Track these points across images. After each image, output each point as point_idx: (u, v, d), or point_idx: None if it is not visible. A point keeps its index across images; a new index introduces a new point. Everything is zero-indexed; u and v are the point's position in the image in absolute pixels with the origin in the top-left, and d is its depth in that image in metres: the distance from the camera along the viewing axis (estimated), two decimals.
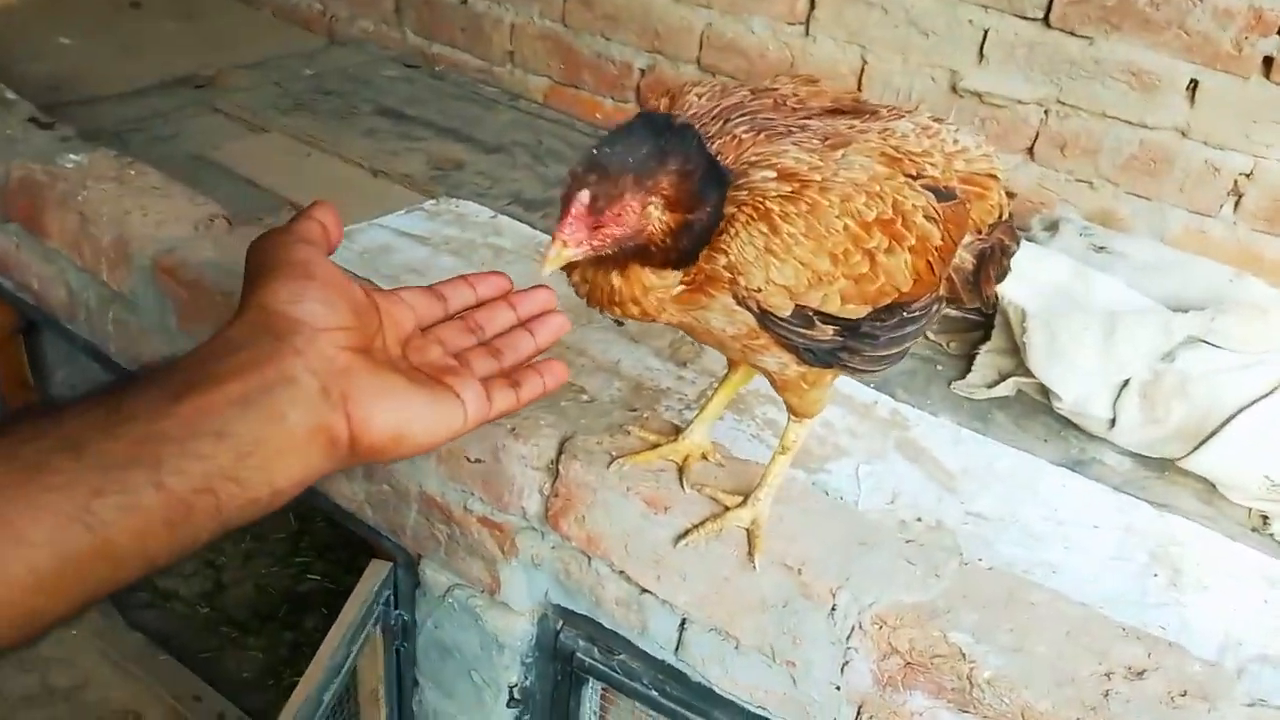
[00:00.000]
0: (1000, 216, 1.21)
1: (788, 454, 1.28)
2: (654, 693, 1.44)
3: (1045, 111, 2.17)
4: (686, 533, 1.28)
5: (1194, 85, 2.01)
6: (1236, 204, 2.06)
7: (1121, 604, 1.44)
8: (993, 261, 1.22)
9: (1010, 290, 1.77)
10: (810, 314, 1.04)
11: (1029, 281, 1.80)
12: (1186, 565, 1.53)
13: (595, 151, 0.91)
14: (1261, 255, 2.06)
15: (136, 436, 0.64)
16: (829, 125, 1.10)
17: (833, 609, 1.22)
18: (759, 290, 1.01)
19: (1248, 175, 2.03)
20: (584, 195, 0.89)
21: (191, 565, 2.92)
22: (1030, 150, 2.22)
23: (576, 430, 1.41)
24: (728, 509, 1.29)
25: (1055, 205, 2.14)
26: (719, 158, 1.01)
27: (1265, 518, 1.64)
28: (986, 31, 2.15)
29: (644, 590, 1.36)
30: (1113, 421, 1.72)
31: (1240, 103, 1.98)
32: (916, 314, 1.14)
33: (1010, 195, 1.24)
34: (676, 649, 1.38)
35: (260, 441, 0.68)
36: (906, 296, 1.10)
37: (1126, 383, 1.71)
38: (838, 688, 1.24)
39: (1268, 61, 1.93)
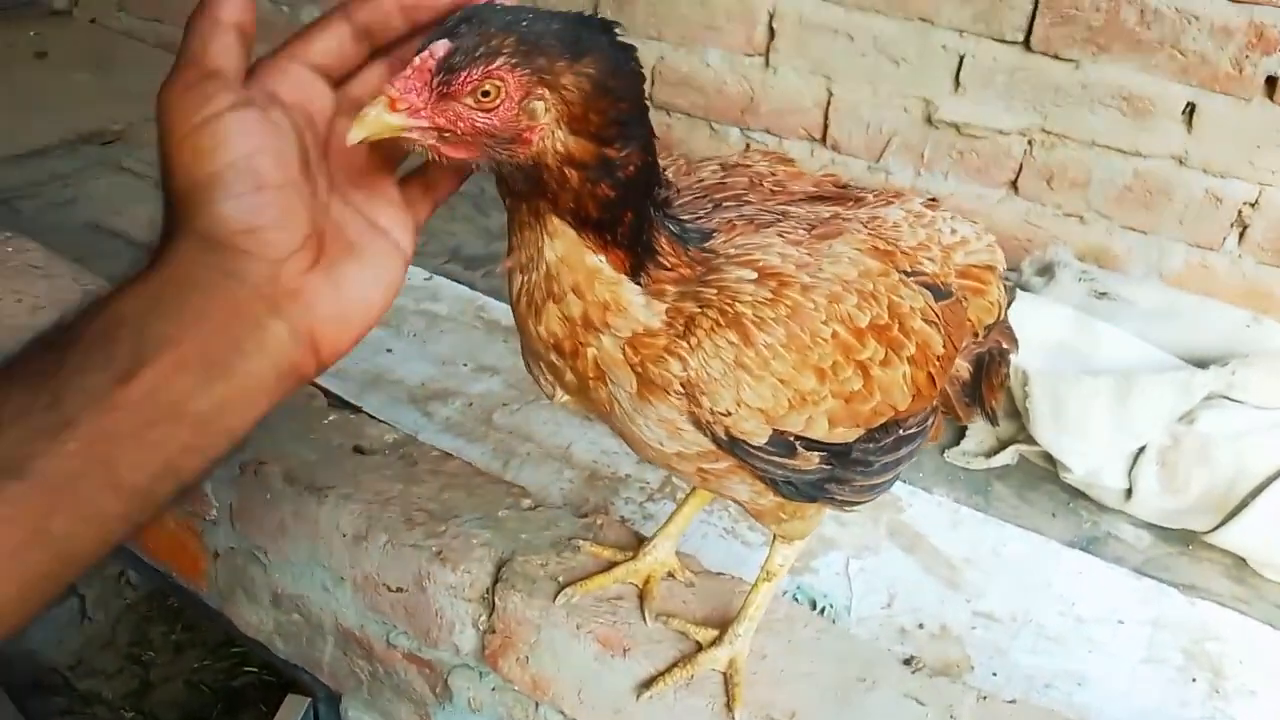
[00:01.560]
0: (999, 315, 1.02)
1: (774, 581, 1.06)
2: None
3: (1029, 142, 1.98)
4: (652, 681, 1.06)
5: (1191, 109, 1.83)
6: (1241, 236, 1.88)
7: None
8: (993, 368, 1.05)
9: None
10: (792, 440, 0.83)
11: (1027, 338, 1.59)
12: (1227, 665, 1.33)
13: (494, 4, 0.65)
14: (1271, 292, 1.88)
15: (84, 439, 0.55)
16: (812, 212, 0.90)
17: None
18: (727, 414, 0.79)
19: (1253, 204, 1.85)
20: (439, 45, 0.63)
21: (116, 662, 2.66)
22: (1014, 184, 2.03)
23: (516, 549, 1.18)
24: (700, 648, 1.07)
25: (1046, 244, 1.95)
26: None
27: None
28: (962, 58, 1.97)
29: None
30: (1129, 492, 1.53)
31: (1242, 127, 1.81)
32: (913, 431, 0.93)
33: (1009, 289, 1.06)
34: None
35: (224, 406, 0.60)
36: (903, 413, 0.89)
37: (1142, 449, 1.51)
38: None
39: (1270, 82, 1.76)
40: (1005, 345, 1.08)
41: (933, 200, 1.00)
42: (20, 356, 0.58)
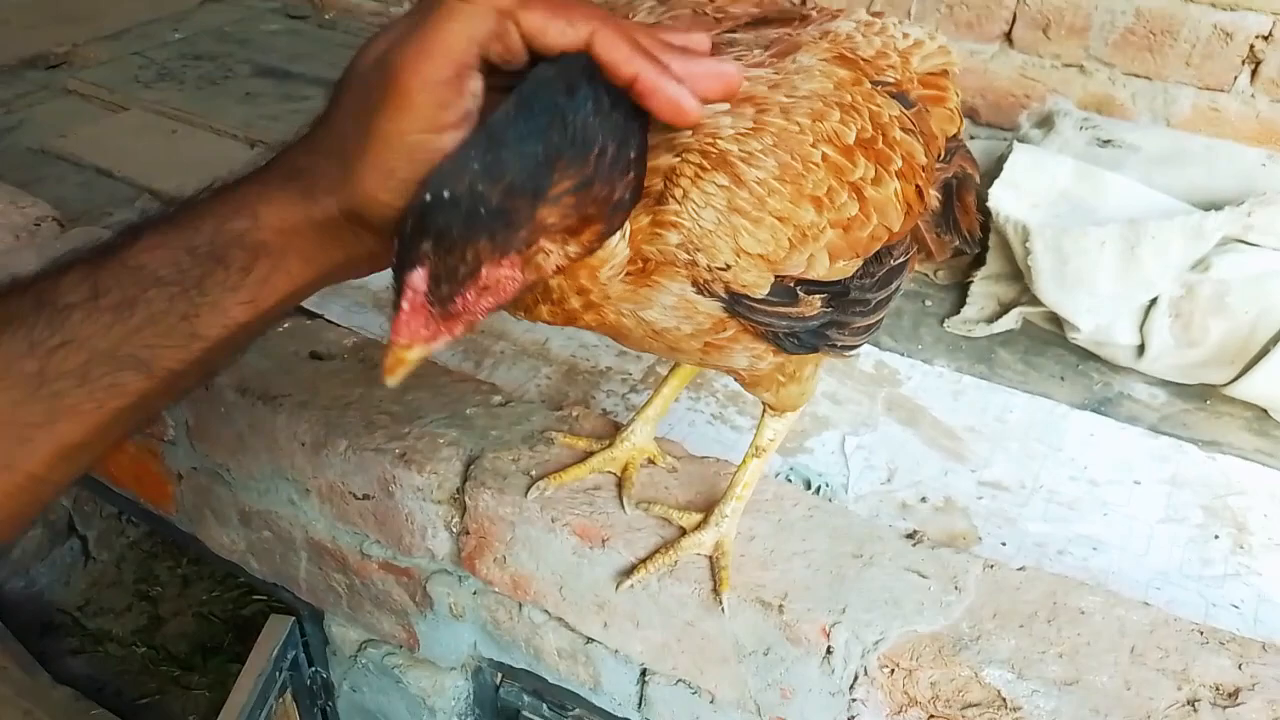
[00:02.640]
0: (959, 127, 0.93)
1: (763, 457, 0.99)
2: None
3: None
4: (633, 570, 0.99)
5: None
6: (1254, 73, 1.75)
7: (1183, 582, 1.17)
8: (962, 191, 0.95)
9: (1005, 204, 1.47)
10: (793, 285, 0.74)
11: (1027, 191, 1.49)
12: (1251, 520, 1.25)
13: (437, 190, 0.57)
14: None
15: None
16: (761, 35, 0.80)
17: (828, 652, 0.94)
18: (726, 268, 0.71)
19: (1265, 38, 1.72)
20: (417, 278, 0.57)
21: (124, 600, 2.64)
22: (1008, 35, 1.90)
23: (485, 446, 1.11)
24: (684, 532, 1.00)
25: (1045, 97, 1.83)
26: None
27: None
28: None
29: (590, 640, 1.07)
30: (1141, 348, 1.44)
31: None
32: (901, 260, 0.85)
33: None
34: (639, 705, 1.09)
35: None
36: (895, 236, 0.81)
37: (1154, 301, 1.42)
38: None
39: None
40: (969, 170, 0.98)
41: (877, 12, 0.89)
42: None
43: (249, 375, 1.21)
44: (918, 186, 0.81)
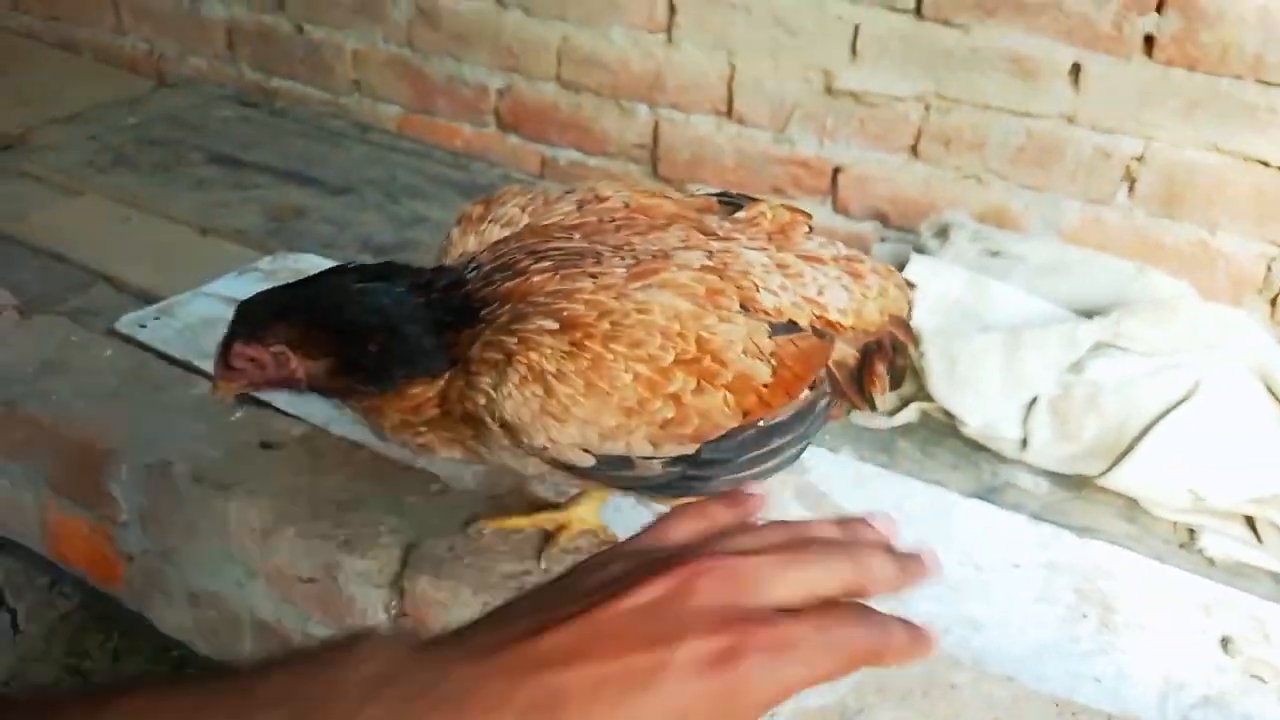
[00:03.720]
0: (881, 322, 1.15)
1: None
2: None
3: (926, 107, 2.03)
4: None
5: (1077, 69, 1.89)
6: (1130, 189, 1.95)
7: (1052, 657, 1.30)
8: (879, 357, 1.13)
9: None
10: (626, 457, 0.94)
11: (923, 298, 1.65)
12: (1117, 601, 1.39)
13: (251, 301, 0.99)
14: (1161, 241, 1.95)
15: None
16: (649, 247, 1.00)
17: None
18: (544, 448, 0.92)
19: (1139, 159, 1.92)
20: (226, 340, 0.97)
21: (53, 673, 2.63)
22: (914, 148, 2.08)
23: (423, 534, 1.21)
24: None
25: (946, 207, 2.00)
26: (503, 291, 0.97)
27: (1192, 531, 1.51)
28: (858, 27, 2.01)
29: None
30: (1024, 441, 1.59)
31: (1125, 84, 1.87)
32: (783, 421, 1.02)
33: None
34: None
35: None
36: (751, 419, 0.99)
37: (1035, 400, 1.57)
38: None
39: (1149, 40, 1.82)
40: (900, 336, 1.16)
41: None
42: None
43: (204, 465, 1.30)
44: (759, 396, 0.99)
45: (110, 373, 1.48)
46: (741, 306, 0.98)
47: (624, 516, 1.45)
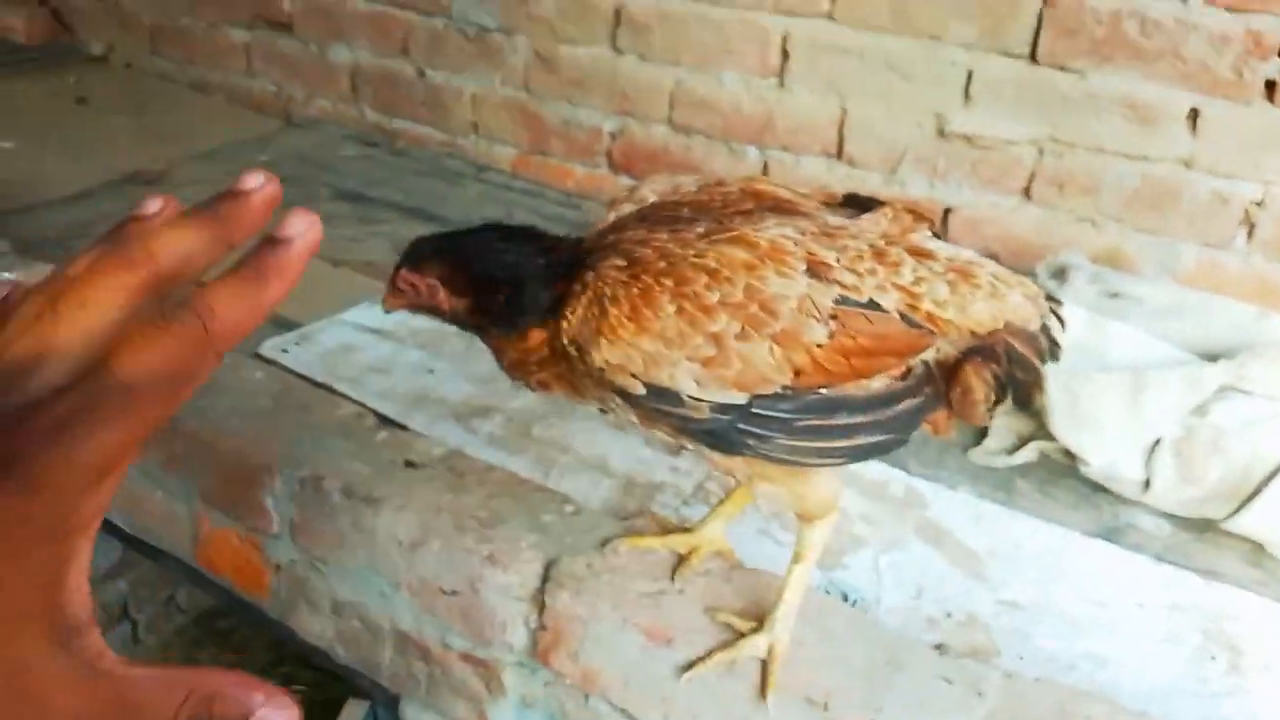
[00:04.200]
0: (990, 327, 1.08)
1: (803, 564, 1.14)
2: None
3: (1039, 150, 2.05)
4: (692, 665, 1.13)
5: (1195, 114, 1.90)
6: (1250, 234, 1.94)
7: (1181, 697, 1.29)
8: (982, 361, 1.06)
9: None
10: (673, 391, 1.00)
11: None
12: (1245, 643, 1.38)
13: (421, 240, 1.10)
14: None
15: None
16: (733, 221, 1.07)
17: None
18: (601, 369, 1.00)
19: (1259, 204, 1.91)
20: (397, 266, 1.09)
21: None
22: (1027, 191, 2.10)
23: (562, 551, 1.26)
24: (742, 636, 1.15)
25: (1059, 249, 2.02)
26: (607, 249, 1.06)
27: None
28: (971, 72, 2.04)
29: None
30: (1147, 483, 1.58)
31: (1244, 129, 1.87)
32: (856, 401, 1.02)
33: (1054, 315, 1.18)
34: None
35: None
36: (809, 383, 1.00)
37: (1158, 442, 1.57)
38: None
39: (1270, 85, 1.82)
40: (1019, 348, 1.10)
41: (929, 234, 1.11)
42: None
43: (353, 480, 1.37)
44: (813, 358, 1.00)
45: (262, 393, 1.57)
46: (811, 272, 1.00)
47: (745, 545, 1.49)
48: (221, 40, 3.04)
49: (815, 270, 1.01)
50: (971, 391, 1.07)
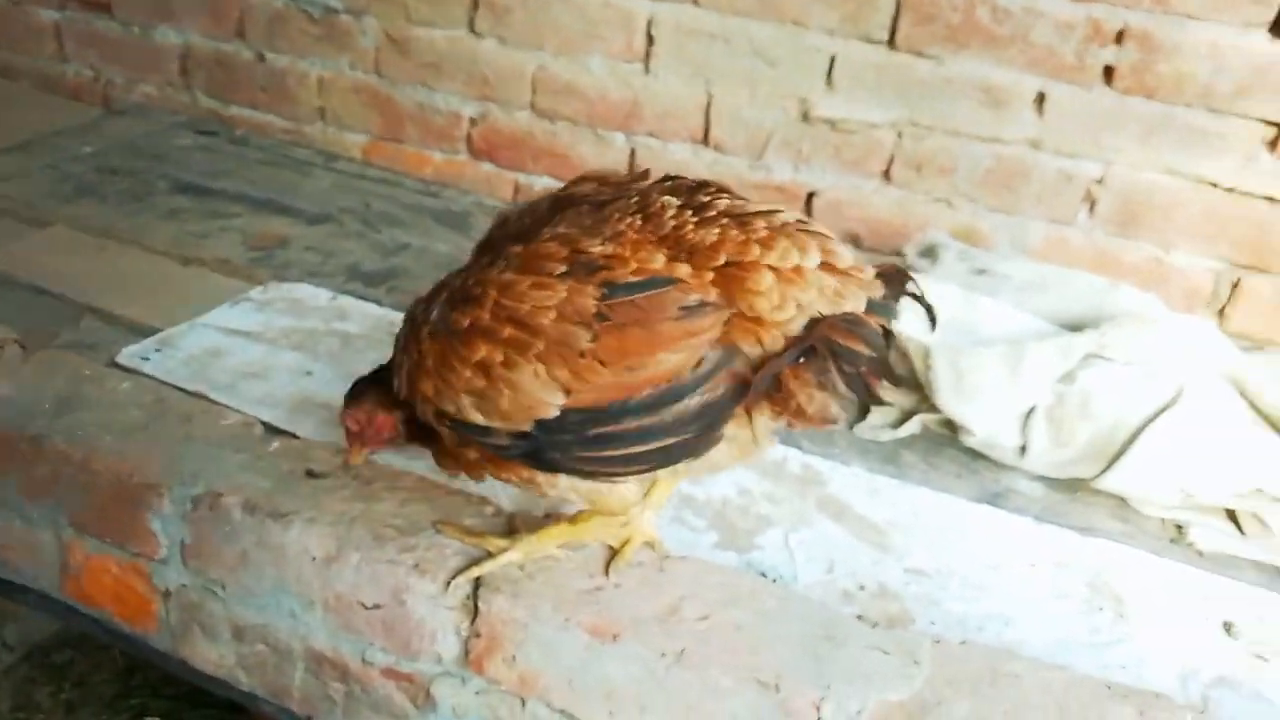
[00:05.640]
0: (783, 314, 1.04)
1: (575, 528, 1.26)
2: None
3: (899, 134, 2.13)
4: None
5: (1041, 98, 2.02)
6: (1091, 209, 2.08)
7: (1079, 648, 1.37)
8: (805, 368, 1.03)
9: (908, 326, 1.70)
10: (471, 422, 1.07)
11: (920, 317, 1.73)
12: (1126, 593, 1.49)
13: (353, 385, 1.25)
14: (1119, 258, 2.09)
15: None
16: (535, 235, 1.10)
17: None
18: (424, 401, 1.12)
19: (1099, 182, 2.05)
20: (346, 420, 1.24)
21: None
22: (886, 173, 2.18)
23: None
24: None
25: (919, 229, 2.11)
26: None
27: (1179, 527, 1.62)
28: (834, 57, 2.10)
29: None
30: (1023, 449, 1.68)
31: (1086, 111, 2.00)
32: (648, 404, 1.02)
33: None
34: None
35: None
36: (581, 403, 1.03)
37: (1033, 410, 1.67)
38: None
39: (1108, 70, 1.96)
40: (842, 342, 1.04)
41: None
42: None
43: (254, 495, 1.28)
44: (573, 370, 1.00)
45: (131, 405, 1.45)
46: (573, 268, 1.01)
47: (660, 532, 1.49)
48: (28, 20, 2.77)
49: (581, 263, 1.01)
50: (794, 397, 1.04)
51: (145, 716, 2.61)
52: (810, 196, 2.25)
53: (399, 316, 1.17)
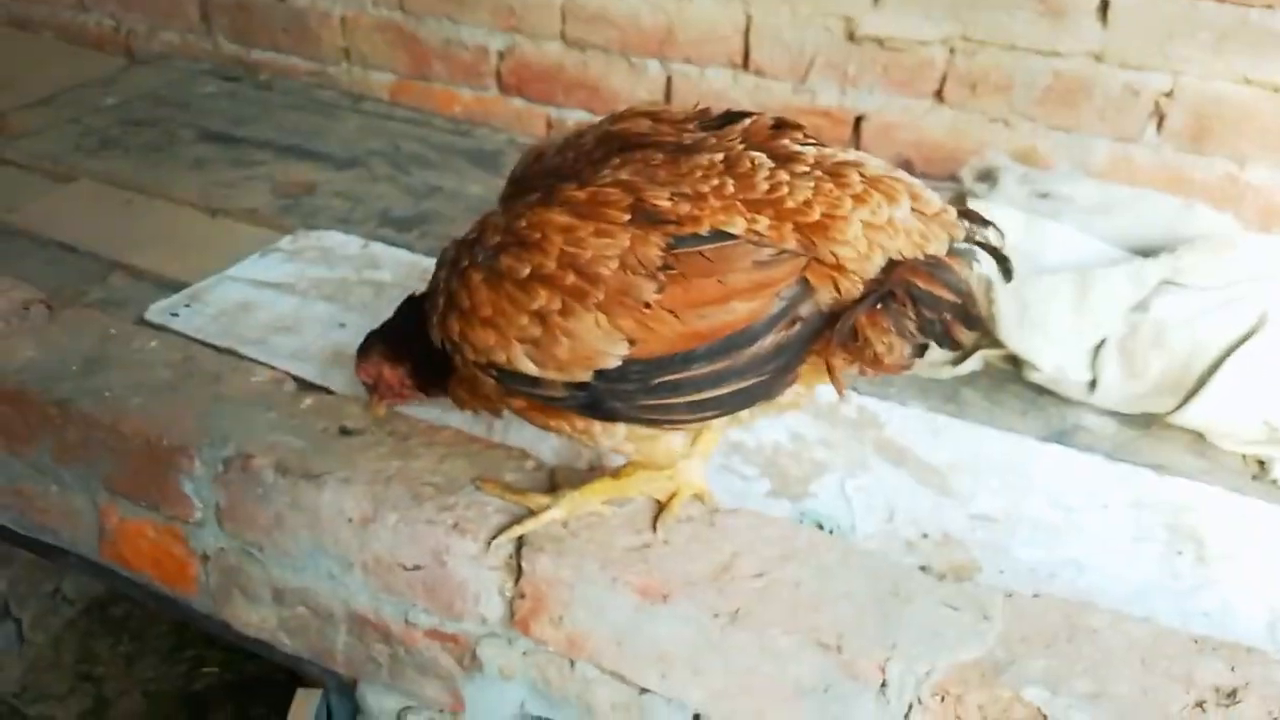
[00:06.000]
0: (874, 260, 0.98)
1: (619, 482, 1.20)
2: None
3: (951, 50, 2.00)
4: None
5: (1105, 5, 1.88)
6: (1159, 126, 1.95)
7: (1159, 594, 1.30)
8: (883, 313, 0.96)
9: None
10: (521, 373, 1.00)
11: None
12: (1206, 534, 1.40)
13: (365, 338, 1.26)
14: (1190, 177, 1.96)
15: None
16: (583, 174, 1.04)
17: (883, 686, 1.03)
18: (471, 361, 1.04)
19: (1168, 95, 1.92)
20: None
21: (65, 683, 2.54)
22: (939, 93, 2.06)
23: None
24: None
25: (974, 151, 1.98)
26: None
27: (1262, 463, 1.53)
28: None
29: (644, 690, 1.13)
30: (1093, 383, 1.58)
31: (1153, 19, 1.86)
32: (720, 349, 0.97)
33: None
34: None
35: None
36: (647, 352, 0.96)
37: (1103, 342, 1.57)
38: None
39: None
40: (923, 285, 0.98)
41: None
42: None
43: (286, 455, 1.23)
44: (637, 320, 0.95)
45: (160, 365, 1.41)
46: (639, 218, 0.95)
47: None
48: None
49: (646, 212, 0.95)
50: (870, 344, 0.97)
51: (202, 667, 2.63)
52: (858, 120, 2.14)
53: (432, 263, 1.09)
